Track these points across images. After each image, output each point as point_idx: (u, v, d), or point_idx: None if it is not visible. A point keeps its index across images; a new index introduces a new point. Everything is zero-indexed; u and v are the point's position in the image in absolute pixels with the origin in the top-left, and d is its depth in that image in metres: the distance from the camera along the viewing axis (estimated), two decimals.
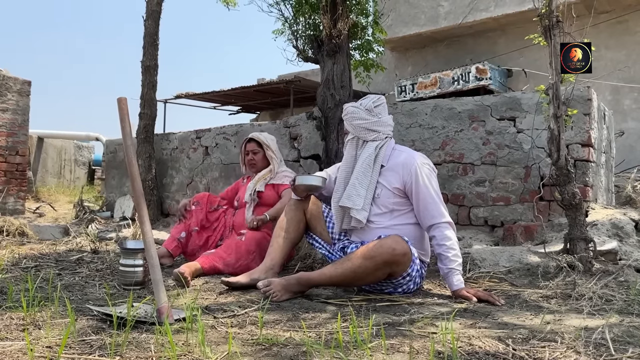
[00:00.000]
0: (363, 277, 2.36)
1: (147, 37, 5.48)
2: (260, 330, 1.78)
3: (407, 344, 1.68)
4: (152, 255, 2.03)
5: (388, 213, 2.56)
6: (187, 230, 3.43)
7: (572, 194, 2.74)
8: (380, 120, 2.65)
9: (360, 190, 2.55)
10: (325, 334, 1.81)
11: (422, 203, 2.49)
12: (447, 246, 2.43)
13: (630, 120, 8.25)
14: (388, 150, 2.64)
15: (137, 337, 1.72)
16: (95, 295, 2.50)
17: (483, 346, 1.66)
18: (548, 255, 2.75)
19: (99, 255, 3.69)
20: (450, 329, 1.80)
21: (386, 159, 2.62)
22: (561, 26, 2.79)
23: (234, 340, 1.74)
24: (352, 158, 2.66)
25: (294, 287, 2.40)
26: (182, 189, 5.45)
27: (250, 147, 3.60)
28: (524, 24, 10.09)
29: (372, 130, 2.63)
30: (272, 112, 14.04)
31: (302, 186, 2.72)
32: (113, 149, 6.50)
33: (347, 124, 2.70)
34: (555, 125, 2.77)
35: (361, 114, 2.64)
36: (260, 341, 1.71)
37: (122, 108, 2.19)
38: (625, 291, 2.40)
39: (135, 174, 2.13)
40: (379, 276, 2.37)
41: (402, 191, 2.56)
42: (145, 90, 5.50)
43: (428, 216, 2.48)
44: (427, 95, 9.87)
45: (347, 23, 3.73)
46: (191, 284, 2.72)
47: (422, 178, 2.51)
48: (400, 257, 2.31)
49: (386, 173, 2.59)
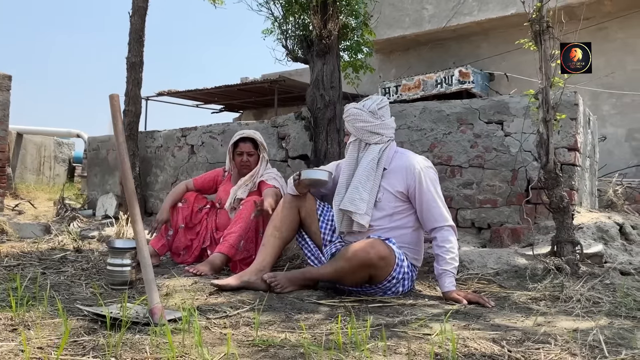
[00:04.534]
0: (344, 277, 2.41)
1: (132, 33, 5.40)
2: (256, 331, 1.76)
3: (404, 345, 1.68)
4: (145, 255, 2.00)
5: (388, 217, 2.55)
6: (174, 228, 3.37)
7: (560, 197, 2.77)
8: (384, 123, 2.62)
9: (363, 195, 2.52)
10: (320, 336, 1.80)
11: (426, 207, 2.50)
12: (446, 248, 2.45)
13: (609, 125, 8.41)
14: (390, 153, 2.62)
15: (131, 338, 1.68)
16: (83, 295, 2.45)
17: (479, 348, 1.67)
18: (536, 258, 2.78)
19: (82, 254, 3.63)
20: (447, 331, 1.80)
21: (388, 162, 2.60)
22: (551, 31, 2.82)
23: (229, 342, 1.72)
24: (354, 160, 2.63)
25: (298, 280, 2.50)
26: (167, 188, 5.38)
27: (245, 147, 3.37)
28: (507, 28, 10.22)
29: (375, 133, 2.60)
30: (256, 112, 13.98)
31: (308, 180, 2.66)
32: (95, 146, 6.40)
33: (349, 125, 2.66)
34: (544, 130, 2.80)
35: (364, 116, 2.60)
36: (256, 342, 1.69)
37: (113, 105, 2.15)
38: (612, 294, 2.43)
39: (128, 172, 2.09)
40: (358, 278, 2.39)
41: (405, 195, 2.55)
42: (130, 87, 5.42)
43: (431, 220, 2.50)
44: (410, 97, 9.94)
45: (338, 24, 3.73)
46: (180, 284, 2.69)
47: (426, 182, 2.51)
48: (377, 261, 2.31)
49: (389, 176, 2.58)
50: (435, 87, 9.83)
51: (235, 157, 3.42)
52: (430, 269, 3.06)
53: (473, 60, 10.26)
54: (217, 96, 12.22)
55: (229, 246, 3.07)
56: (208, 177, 3.63)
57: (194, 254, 3.38)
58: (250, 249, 3.14)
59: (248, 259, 3.10)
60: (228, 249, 3.06)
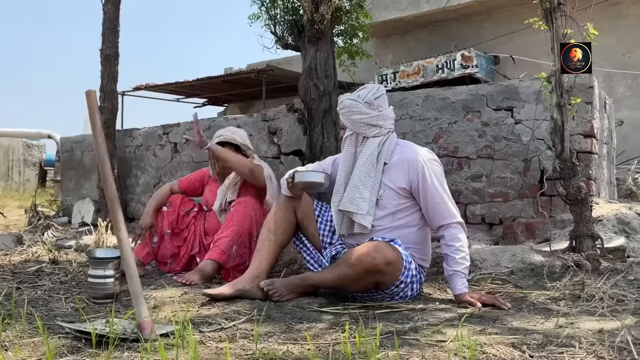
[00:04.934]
0: (348, 285, 2.40)
1: (106, 22, 5.36)
2: (256, 344, 1.75)
3: (416, 354, 1.68)
4: (130, 264, 1.98)
5: (390, 215, 2.53)
6: (159, 235, 3.35)
7: (577, 188, 2.78)
8: (382, 114, 2.59)
9: (364, 193, 2.50)
10: (326, 346, 1.79)
11: (431, 203, 2.48)
12: (455, 247, 2.44)
13: (625, 108, 8.43)
14: (391, 146, 2.60)
15: (120, 356, 1.67)
16: (63, 311, 2.43)
17: (497, 354, 1.67)
18: (553, 254, 2.78)
19: (59, 265, 3.61)
20: (464, 337, 1.80)
21: (389, 156, 2.58)
22: (563, 9, 2.82)
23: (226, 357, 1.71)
24: (351, 156, 2.61)
25: (298, 287, 2.49)
26: (149, 190, 5.36)
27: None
28: (512, 7, 10.22)
29: (373, 125, 2.57)
30: (242, 105, 13.94)
31: (302, 184, 2.63)
32: (69, 148, 6.36)
33: (345, 118, 2.63)
34: (558, 115, 2.81)
35: (360, 108, 2.57)
36: (256, 356, 1.69)
37: (91, 102, 2.14)
38: (636, 290, 2.45)
39: (108, 175, 2.08)
40: (363, 285, 2.38)
41: (408, 191, 2.53)
42: (105, 81, 5.38)
43: (437, 217, 2.49)
44: (409, 84, 9.91)
45: (331, 7, 3.72)
46: (169, 296, 2.67)
47: (430, 176, 2.49)
48: (383, 267, 2.30)
49: (390, 171, 2.56)
50: (437, 72, 9.82)
51: (215, 163, 3.42)
52: (439, 270, 3.07)
53: (476, 42, 10.25)
54: (200, 89, 12.17)
55: (220, 252, 3.06)
56: (194, 178, 3.62)
57: (181, 262, 3.36)
58: (244, 255, 3.13)
59: (241, 265, 3.09)
60: (219, 255, 3.05)
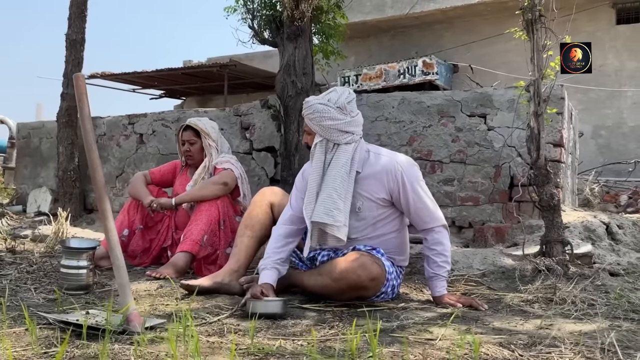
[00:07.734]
0: (331, 295, 2.37)
1: (73, 6, 5.18)
2: (251, 339, 1.72)
3: (408, 351, 1.69)
4: (118, 255, 1.93)
5: (371, 226, 2.47)
6: (130, 228, 3.27)
7: (550, 195, 2.86)
8: (354, 120, 2.47)
9: (339, 203, 2.37)
10: (318, 343, 1.79)
11: (413, 209, 2.43)
12: (437, 251, 2.44)
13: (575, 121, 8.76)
14: (362, 154, 2.49)
15: (111, 348, 1.62)
16: (35, 302, 2.34)
17: (488, 352, 1.70)
18: (526, 258, 2.86)
19: (19, 255, 3.47)
20: (451, 335, 1.83)
21: (361, 164, 2.47)
22: (543, 21, 2.91)
23: (221, 351, 1.68)
24: (322, 164, 2.45)
25: (280, 286, 2.45)
26: (111, 181, 5.20)
27: (185, 136, 3.39)
28: (472, 17, 10.49)
29: (345, 132, 2.44)
30: (200, 99, 13.75)
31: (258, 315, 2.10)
32: (26, 134, 6.10)
33: (314, 124, 2.45)
34: (535, 124, 2.89)
35: (333, 113, 2.42)
36: (252, 351, 1.66)
37: (79, 86, 2.07)
38: (604, 295, 2.54)
39: (97, 164, 2.01)
40: (346, 298, 2.36)
41: (388, 201, 2.46)
42: (70, 67, 5.20)
43: (421, 222, 2.46)
44: (371, 87, 10.01)
45: (311, 4, 3.71)
46: (144, 289, 2.61)
47: (411, 182, 2.43)
48: (367, 283, 2.29)
49: (367, 181, 2.46)
50: (398, 77, 9.96)
51: (181, 147, 3.46)
52: (413, 270, 3.11)
53: (436, 50, 10.44)
54: (157, 80, 11.92)
55: (192, 242, 3.01)
56: (166, 170, 3.57)
57: (152, 255, 3.29)
58: (215, 244, 3.10)
59: (213, 255, 3.08)
60: (191, 246, 3.00)
